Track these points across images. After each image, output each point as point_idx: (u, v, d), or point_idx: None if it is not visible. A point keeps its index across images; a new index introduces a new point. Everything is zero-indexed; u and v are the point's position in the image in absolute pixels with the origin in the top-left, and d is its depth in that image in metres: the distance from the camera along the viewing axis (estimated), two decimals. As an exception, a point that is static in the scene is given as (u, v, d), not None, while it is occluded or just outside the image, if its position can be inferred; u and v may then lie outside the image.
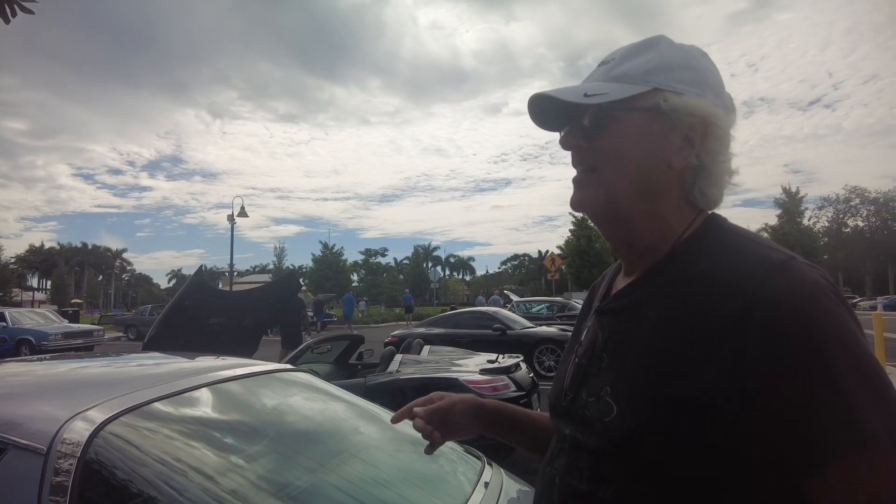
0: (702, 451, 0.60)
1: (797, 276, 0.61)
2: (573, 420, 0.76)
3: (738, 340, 0.59)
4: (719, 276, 0.65)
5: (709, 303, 0.63)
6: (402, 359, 5.10)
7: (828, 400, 0.55)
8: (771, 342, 0.57)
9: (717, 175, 0.73)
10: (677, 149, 0.71)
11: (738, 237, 0.70)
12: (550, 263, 23.19)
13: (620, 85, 0.72)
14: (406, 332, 10.57)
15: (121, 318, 28.31)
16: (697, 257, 0.69)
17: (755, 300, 0.59)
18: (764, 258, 0.64)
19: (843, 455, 0.55)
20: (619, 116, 0.72)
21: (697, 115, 0.71)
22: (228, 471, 1.39)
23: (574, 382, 0.78)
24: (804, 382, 0.56)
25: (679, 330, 0.65)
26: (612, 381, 0.70)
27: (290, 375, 2.13)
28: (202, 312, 4.04)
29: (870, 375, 0.56)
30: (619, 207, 0.73)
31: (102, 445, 1.20)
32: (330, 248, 46.24)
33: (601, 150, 0.73)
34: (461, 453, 1.96)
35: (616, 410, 0.67)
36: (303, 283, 41.46)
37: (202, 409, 1.61)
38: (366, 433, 1.98)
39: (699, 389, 0.60)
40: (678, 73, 0.72)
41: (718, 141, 0.72)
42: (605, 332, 0.76)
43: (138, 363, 2.05)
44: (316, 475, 1.56)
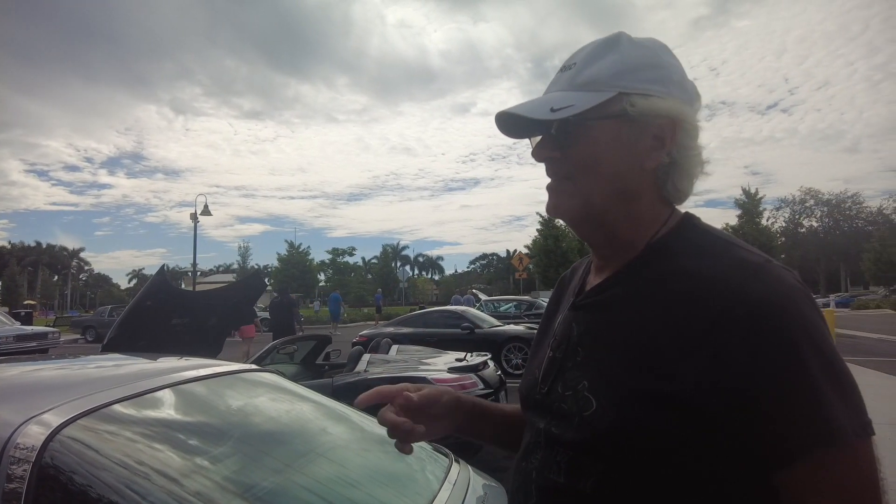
0: (680, 445, 0.62)
1: (775, 279, 0.63)
2: (548, 413, 0.75)
3: (718, 339, 0.61)
4: (698, 276, 0.66)
5: (689, 301, 0.65)
6: (369, 358, 5.08)
7: (801, 397, 0.58)
8: (749, 341, 0.59)
9: (688, 168, 0.74)
10: (649, 150, 0.72)
11: (714, 237, 0.72)
12: (518, 263, 23.39)
13: (586, 94, 0.71)
14: (374, 331, 10.53)
15: (78, 319, 27.38)
16: (675, 256, 0.71)
17: (735, 300, 0.61)
18: (743, 260, 0.65)
19: (813, 451, 0.57)
20: (588, 126, 0.72)
21: (665, 115, 0.71)
22: (193, 473, 1.36)
23: (548, 375, 0.78)
24: (779, 380, 0.58)
25: (658, 327, 0.66)
26: (591, 375, 0.70)
27: (256, 376, 2.11)
28: (164, 313, 3.94)
29: (838, 375, 0.60)
30: (596, 212, 0.74)
31: (59, 450, 1.16)
32: (296, 248, 45.63)
33: (574, 160, 0.73)
34: (429, 451, 1.96)
35: (596, 405, 0.68)
36: (268, 282, 40.80)
37: (165, 410, 1.57)
38: (333, 433, 1.96)
39: (679, 385, 0.61)
40: (642, 74, 0.72)
41: (688, 135, 0.73)
42: (581, 327, 0.76)
43: (97, 364, 2.00)
44: (283, 476, 1.55)
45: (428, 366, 4.94)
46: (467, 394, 4.60)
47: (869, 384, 7.60)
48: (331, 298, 22.88)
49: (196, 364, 1.90)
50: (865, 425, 0.59)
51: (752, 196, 37.06)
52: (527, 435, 0.82)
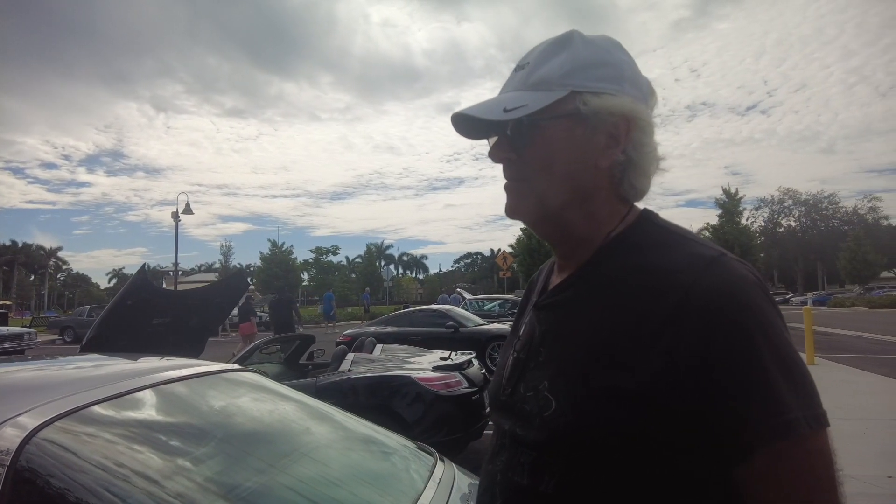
0: (640, 443, 0.62)
1: (728, 271, 0.63)
2: (512, 414, 0.75)
3: (673, 332, 0.61)
4: (654, 270, 0.67)
5: (644, 296, 0.65)
6: (353, 358, 5.06)
7: (754, 390, 0.58)
8: (703, 333, 0.60)
9: (644, 166, 0.74)
10: (603, 148, 0.72)
11: (669, 233, 0.73)
12: (502, 262, 23.48)
13: (538, 93, 0.71)
14: (358, 330, 10.49)
15: (56, 319, 26.94)
16: (631, 252, 0.71)
17: (690, 293, 0.62)
18: (697, 254, 0.66)
19: (767, 443, 0.58)
20: (541, 126, 0.72)
21: (619, 113, 0.71)
22: (174, 474, 1.35)
23: (512, 377, 0.78)
24: (733, 372, 0.59)
25: (615, 323, 0.66)
26: (551, 375, 0.70)
27: (238, 376, 2.09)
28: (145, 312, 3.89)
29: (791, 366, 0.60)
30: (552, 212, 0.74)
31: (35, 453, 1.14)
32: (279, 247, 45.25)
33: (529, 161, 0.73)
34: (413, 450, 1.96)
35: (555, 405, 0.67)
36: (251, 282, 40.45)
37: (146, 411, 1.55)
38: (317, 432, 1.95)
39: (637, 382, 0.62)
40: (594, 72, 0.72)
41: (642, 132, 0.73)
42: (543, 327, 0.77)
43: (76, 365, 1.96)
44: (266, 476, 1.53)
45: (412, 365, 4.94)
46: (451, 393, 4.56)
47: (845, 380, 7.75)
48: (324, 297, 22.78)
49: (177, 364, 1.87)
50: (819, 416, 0.60)
51: (732, 196, 37.62)
52: (494, 437, 0.82)
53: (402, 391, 4.40)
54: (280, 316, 13.06)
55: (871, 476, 3.83)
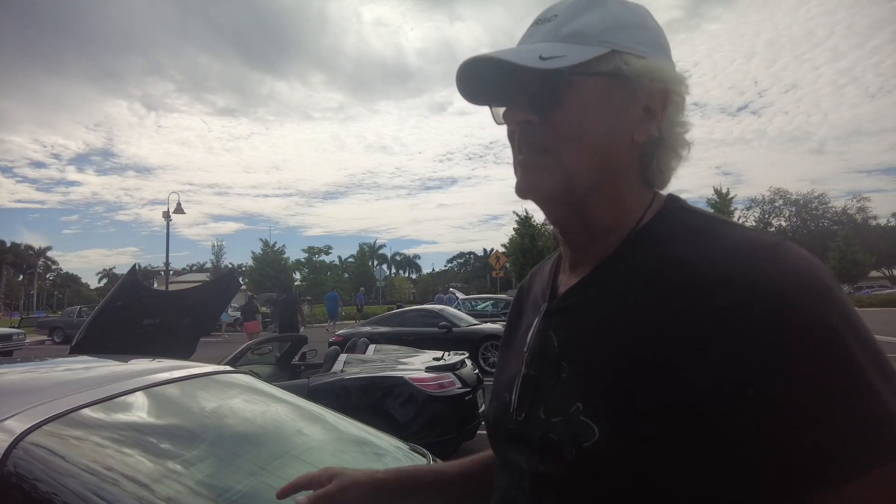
0: (705, 470, 0.51)
1: (798, 258, 0.53)
2: (529, 447, 0.63)
3: (740, 334, 0.50)
4: (702, 261, 0.55)
5: (694, 292, 0.54)
6: (346, 358, 5.05)
7: (855, 400, 0.47)
8: (780, 335, 0.48)
9: (676, 148, 0.65)
10: (638, 121, 0.62)
11: (709, 218, 0.62)
12: (495, 261, 23.50)
13: (576, 46, 0.60)
14: (351, 331, 10.47)
15: (45, 320, 26.69)
16: (667, 242, 0.60)
17: (754, 286, 0.51)
18: (754, 239, 0.55)
19: (875, 467, 0.46)
20: (577, 84, 0.61)
21: (661, 80, 0.62)
22: (165, 478, 1.33)
23: (524, 399, 0.66)
24: (826, 380, 0.47)
25: (661, 326, 0.54)
26: (584, 394, 0.58)
27: (229, 377, 2.07)
28: (136, 313, 3.86)
29: (885, 366, 0.49)
30: (579, 191, 0.62)
31: (23, 457, 1.12)
32: (271, 246, 45.05)
33: (556, 126, 0.61)
34: (406, 451, 1.96)
35: (599, 432, 0.55)
36: (242, 282, 40.31)
37: (136, 414, 1.54)
38: (308, 434, 1.94)
39: (699, 395, 0.50)
40: (633, 33, 0.62)
41: (677, 109, 0.64)
42: (562, 336, 0.64)
43: (65, 367, 1.94)
44: (257, 478, 1.52)
45: (405, 365, 4.93)
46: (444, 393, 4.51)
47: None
48: (328, 297, 22.79)
49: (168, 366, 1.86)
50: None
51: (724, 196, 37.81)
52: (501, 478, 0.68)
53: (395, 392, 4.40)
54: (285, 315, 13.31)
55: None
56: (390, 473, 0.84)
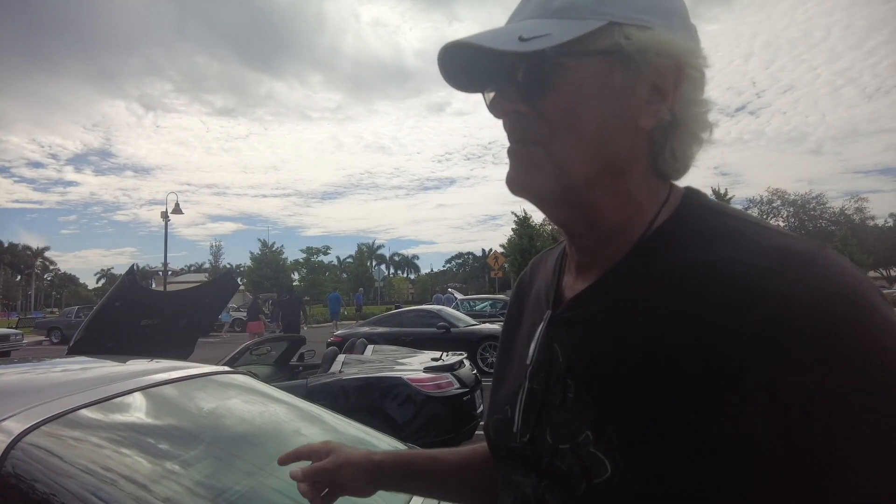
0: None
1: (840, 272, 0.45)
2: (534, 471, 0.57)
3: (778, 357, 0.43)
4: (729, 270, 0.48)
5: (721, 307, 0.46)
6: (344, 359, 5.05)
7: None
8: (826, 358, 0.42)
9: (695, 132, 0.56)
10: (645, 102, 0.54)
11: (735, 218, 0.54)
12: (494, 262, 23.52)
13: (566, 21, 0.52)
14: (349, 331, 10.48)
15: (43, 320, 26.69)
16: (687, 245, 0.52)
17: (792, 303, 0.44)
18: (788, 248, 0.47)
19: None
20: (568, 65, 0.53)
21: (670, 54, 0.53)
22: (163, 478, 1.34)
23: (529, 417, 0.59)
24: (881, 411, 0.41)
25: (682, 347, 0.47)
26: (594, 422, 0.51)
27: (228, 378, 2.07)
28: (134, 313, 3.86)
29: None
30: (574, 188, 0.55)
31: (21, 458, 1.12)
32: (269, 247, 45.05)
33: (546, 115, 0.54)
34: (405, 452, 1.96)
35: (611, 469, 0.48)
36: (241, 282, 40.29)
37: (134, 414, 1.54)
38: (307, 435, 1.94)
39: (728, 427, 0.43)
40: (638, 1, 0.53)
41: (694, 86, 0.55)
42: (568, 350, 0.57)
43: (63, 368, 1.94)
44: (255, 479, 1.53)
45: (403, 366, 4.94)
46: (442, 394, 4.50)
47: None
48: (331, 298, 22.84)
49: (166, 366, 1.86)
50: None
51: (722, 196, 37.87)
52: (506, 497, 0.63)
53: (393, 392, 4.40)
54: (289, 316, 13.60)
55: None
56: (387, 456, 0.81)
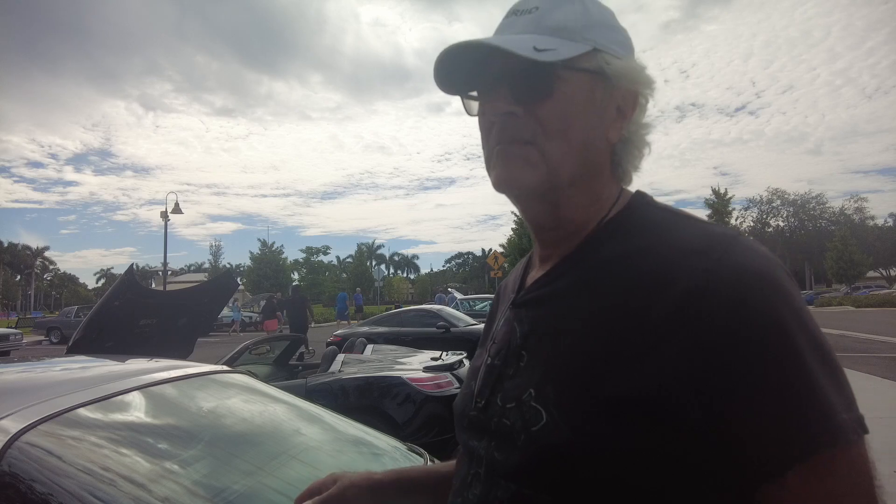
0: (649, 463, 0.51)
1: (754, 252, 0.54)
2: (486, 433, 0.63)
3: (695, 325, 0.50)
4: (663, 252, 0.56)
5: (653, 282, 0.54)
6: (344, 358, 5.04)
7: (798, 391, 0.48)
8: (728, 326, 0.49)
9: (640, 149, 0.67)
10: (613, 120, 0.64)
11: (673, 213, 0.63)
12: (493, 261, 23.47)
13: (565, 41, 0.61)
14: (349, 331, 10.46)
15: (42, 320, 26.64)
16: (632, 234, 0.61)
17: (712, 277, 0.51)
18: (713, 233, 0.56)
19: (814, 453, 0.47)
20: (564, 78, 0.61)
21: (635, 82, 0.64)
22: (161, 478, 1.33)
23: (485, 387, 0.67)
24: (771, 371, 0.48)
25: (619, 316, 0.55)
26: (538, 381, 0.58)
27: (227, 377, 2.07)
28: (133, 313, 3.85)
29: (831, 362, 0.51)
30: (560, 186, 0.63)
31: (18, 457, 1.12)
32: (269, 246, 45.07)
33: (543, 119, 0.61)
34: (404, 451, 1.96)
35: (546, 417, 0.55)
36: (240, 282, 40.27)
37: (133, 413, 1.53)
38: (306, 434, 1.94)
39: (649, 385, 0.51)
40: (610, 33, 0.63)
41: (642, 112, 0.66)
42: (525, 327, 0.65)
43: (62, 367, 1.94)
44: (254, 478, 1.52)
45: (403, 365, 4.93)
46: (442, 393, 4.49)
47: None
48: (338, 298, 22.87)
49: (165, 365, 1.86)
50: (861, 420, 0.50)
51: (722, 196, 37.92)
52: (462, 465, 0.70)
53: (393, 392, 4.39)
54: (295, 314, 13.98)
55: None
56: (387, 474, 0.85)
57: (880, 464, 0.52)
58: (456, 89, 0.68)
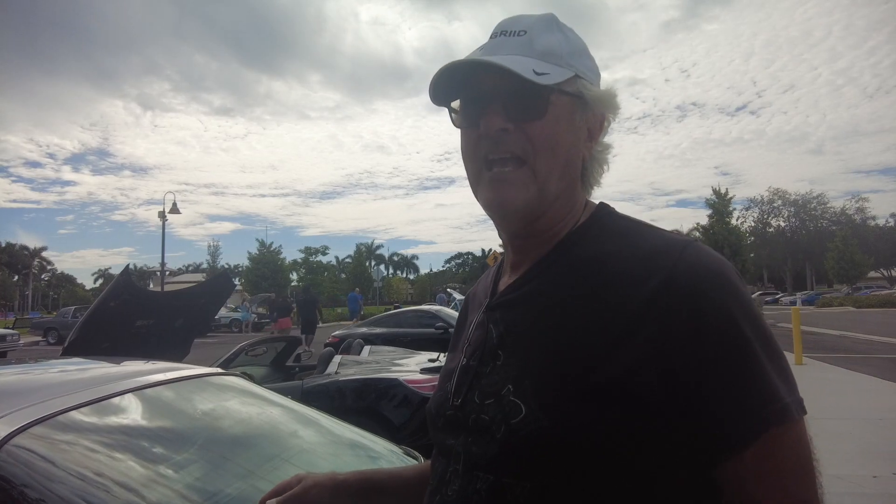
0: (621, 445, 0.56)
1: (707, 254, 0.61)
2: (464, 430, 0.67)
3: (659, 319, 0.57)
4: (628, 255, 0.63)
5: (620, 282, 0.61)
6: (341, 360, 5.03)
7: (749, 376, 0.56)
8: (687, 320, 0.56)
9: (601, 165, 0.75)
10: (584, 140, 0.71)
11: (634, 222, 0.70)
12: (493, 261, 23.48)
13: (552, 66, 0.66)
14: (346, 332, 10.45)
15: (40, 321, 26.61)
16: (597, 240, 0.68)
17: (673, 276, 0.58)
18: (671, 239, 0.63)
19: (764, 431, 0.55)
20: (552, 100, 0.66)
21: (605, 107, 0.71)
22: (154, 481, 1.32)
23: (461, 386, 0.70)
24: (725, 359, 0.56)
25: (589, 314, 0.61)
26: (515, 377, 0.63)
27: (222, 379, 2.06)
28: (129, 314, 3.84)
29: (775, 351, 0.58)
30: (546, 203, 0.68)
31: (8, 460, 1.11)
32: (267, 247, 45.00)
33: (534, 137, 0.66)
34: (400, 455, 1.95)
35: (525, 409, 0.60)
36: (239, 282, 40.28)
37: (127, 416, 1.52)
38: (301, 437, 1.93)
39: (620, 374, 0.57)
40: (586, 61, 0.70)
41: (604, 134, 0.74)
42: (500, 327, 0.70)
43: (56, 369, 1.93)
44: (248, 482, 1.51)
45: (400, 367, 4.92)
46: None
47: (831, 380, 7.82)
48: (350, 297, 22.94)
49: (160, 367, 1.85)
50: (801, 402, 0.58)
51: (722, 196, 37.85)
52: (438, 464, 0.72)
53: (390, 394, 4.37)
54: (306, 313, 14.50)
55: (856, 476, 3.87)
56: (350, 475, 0.87)
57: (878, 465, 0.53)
58: (442, 100, 0.72)
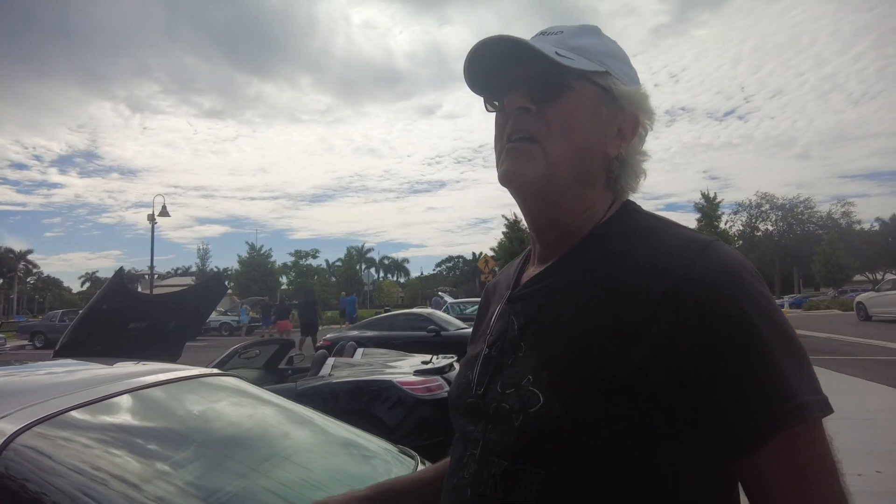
0: (633, 439, 0.57)
1: (726, 254, 0.61)
2: (484, 417, 0.69)
3: (668, 317, 0.58)
4: (648, 253, 0.64)
5: (638, 278, 0.62)
6: (334, 362, 5.03)
7: (762, 373, 0.55)
8: (701, 317, 0.57)
9: (636, 172, 0.75)
10: (612, 137, 0.72)
11: (658, 219, 0.71)
12: (484, 265, 23.51)
13: (583, 58, 0.69)
14: (339, 335, 10.44)
15: (26, 324, 26.27)
16: (620, 239, 0.69)
17: (689, 274, 0.59)
18: (692, 238, 0.64)
19: (780, 430, 0.54)
20: (576, 86, 0.69)
21: (639, 108, 0.73)
22: (153, 479, 1.34)
23: (484, 375, 0.72)
24: (738, 356, 0.56)
25: (607, 310, 0.62)
26: (535, 368, 0.65)
27: (217, 380, 2.07)
28: (122, 317, 3.84)
29: (795, 349, 0.58)
30: (557, 185, 0.70)
31: (13, 458, 1.13)
32: (257, 250, 44.83)
33: (551, 118, 0.69)
34: (395, 454, 1.97)
35: (542, 399, 0.61)
36: (228, 285, 40.08)
37: (124, 416, 1.54)
38: (297, 437, 1.95)
39: (632, 370, 0.58)
40: (622, 66, 0.73)
41: (640, 141, 0.75)
42: (522, 319, 0.72)
43: (51, 370, 1.94)
44: (246, 480, 1.53)
45: (393, 369, 4.93)
46: (432, 397, 4.50)
47: (820, 381, 7.90)
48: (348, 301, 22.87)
49: (155, 369, 1.86)
50: (824, 401, 0.57)
51: (711, 200, 38.09)
52: (457, 449, 0.75)
53: (383, 395, 4.39)
54: (307, 316, 14.81)
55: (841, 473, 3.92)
56: (370, 490, 0.87)
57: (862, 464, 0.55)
58: (479, 88, 0.76)
